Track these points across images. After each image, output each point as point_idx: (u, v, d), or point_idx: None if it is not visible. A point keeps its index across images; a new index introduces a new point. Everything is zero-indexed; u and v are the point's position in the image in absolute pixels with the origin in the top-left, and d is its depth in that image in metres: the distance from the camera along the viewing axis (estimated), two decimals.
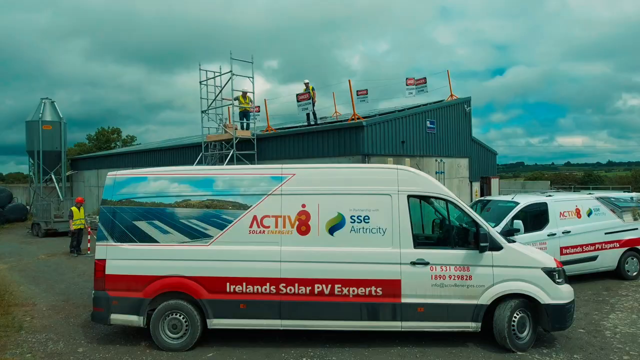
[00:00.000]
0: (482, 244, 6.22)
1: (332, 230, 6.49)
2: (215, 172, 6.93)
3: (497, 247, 6.38)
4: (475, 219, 6.52)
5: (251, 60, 16.85)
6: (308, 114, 17.13)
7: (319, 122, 19.90)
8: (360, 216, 6.48)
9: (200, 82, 17.64)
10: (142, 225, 6.75)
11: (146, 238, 6.70)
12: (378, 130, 14.06)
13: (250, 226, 6.57)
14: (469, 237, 6.63)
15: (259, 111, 20.41)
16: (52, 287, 11.08)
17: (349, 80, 13.96)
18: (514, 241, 6.88)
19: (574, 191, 12.79)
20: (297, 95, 16.05)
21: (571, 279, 8.33)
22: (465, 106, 19.12)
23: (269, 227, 6.56)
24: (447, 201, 6.67)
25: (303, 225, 6.52)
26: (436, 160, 17.05)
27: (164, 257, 6.62)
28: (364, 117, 15.06)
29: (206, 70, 17.63)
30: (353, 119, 14.15)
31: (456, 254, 6.40)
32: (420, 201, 7.31)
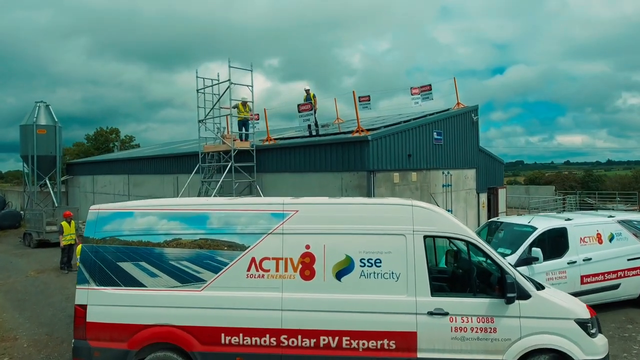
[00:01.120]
0: (509, 295, 5.52)
1: (339, 275, 5.79)
2: (209, 207, 6.21)
3: (525, 295, 5.68)
4: (501, 263, 5.82)
5: (250, 67, 16.14)
6: (309, 125, 16.42)
7: (320, 130, 19.22)
8: (371, 259, 5.79)
9: (197, 90, 16.92)
10: (128, 267, 6.05)
11: (132, 282, 6.01)
12: (383, 144, 13.35)
13: (248, 269, 5.88)
14: (493, 282, 5.94)
15: (258, 119, 19.71)
16: (37, 315, 10.40)
17: (354, 92, 13.34)
18: (542, 286, 6.17)
19: (592, 210, 12.06)
20: (299, 105, 15.33)
21: None
22: (473, 115, 18.42)
23: (268, 270, 5.86)
24: (468, 242, 5.97)
25: (307, 269, 5.83)
26: (443, 173, 16.36)
27: (151, 303, 5.93)
28: (368, 129, 14.35)
29: (203, 78, 16.93)
30: (357, 132, 13.42)
31: (479, 304, 5.69)
32: (434, 239, 6.63)
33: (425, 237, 5.88)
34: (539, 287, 6.06)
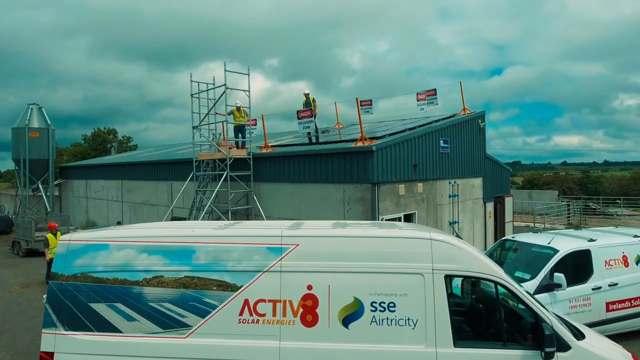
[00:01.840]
0: (547, 349, 4.71)
1: (346, 321, 4.99)
2: (195, 240, 5.38)
3: (564, 346, 4.89)
4: (537, 310, 5.01)
5: (247, 71, 15.31)
6: (309, 132, 15.61)
7: (320, 136, 18.44)
8: (384, 303, 4.99)
9: (192, 94, 16.11)
10: (102, 309, 5.24)
11: (106, 326, 5.19)
12: (388, 154, 12.55)
13: (241, 313, 5.07)
14: (525, 328, 5.15)
15: (255, 124, 18.91)
16: (14, 342, 9.58)
17: (357, 98, 12.49)
18: (582, 333, 5.34)
19: (614, 228, 11.27)
20: (298, 112, 14.51)
21: (615, 338, 6.93)
22: (480, 121, 17.64)
23: (264, 315, 5.06)
24: (496, 283, 5.16)
25: (309, 314, 5.02)
26: (449, 183, 15.57)
27: (128, 352, 5.11)
28: (372, 138, 13.54)
29: (198, 82, 16.10)
30: (361, 141, 12.61)
31: (510, 357, 4.89)
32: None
33: (447, 276, 5.08)
34: (578, 333, 5.26)
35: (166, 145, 33.73)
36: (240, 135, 16.33)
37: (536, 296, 7.85)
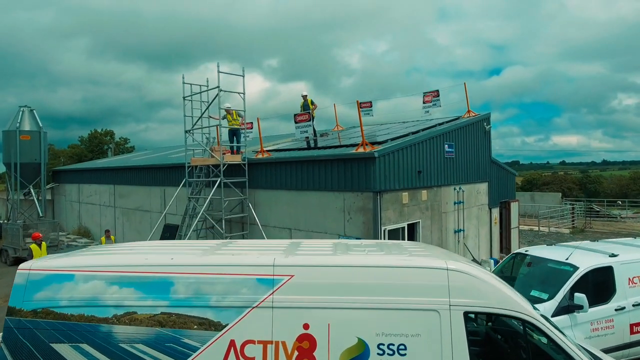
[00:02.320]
0: None
1: None
2: (173, 270, 4.66)
3: None
4: (572, 353, 4.30)
5: (242, 73, 14.59)
6: (307, 137, 14.89)
7: (318, 140, 17.73)
8: (393, 345, 4.28)
9: (184, 97, 15.38)
10: (65, 350, 4.52)
11: None
12: (391, 161, 11.83)
13: (226, 357, 4.36)
14: None
15: (251, 128, 18.20)
16: None
17: (357, 101, 11.73)
18: None
19: (634, 240, 10.55)
20: (295, 115, 13.78)
21: None
22: (485, 124, 16.93)
23: (253, 359, 4.34)
24: (524, 322, 4.44)
25: (305, 358, 4.31)
26: (454, 189, 14.85)
27: None
28: (373, 143, 12.82)
29: (191, 84, 15.37)
30: (362, 146, 11.88)
31: None
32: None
33: (466, 313, 4.37)
34: None
35: (162, 147, 32.98)
36: (234, 139, 15.60)
37: (555, 319, 7.16)
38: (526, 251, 9.85)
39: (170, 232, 17.41)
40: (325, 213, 12.51)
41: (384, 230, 11.60)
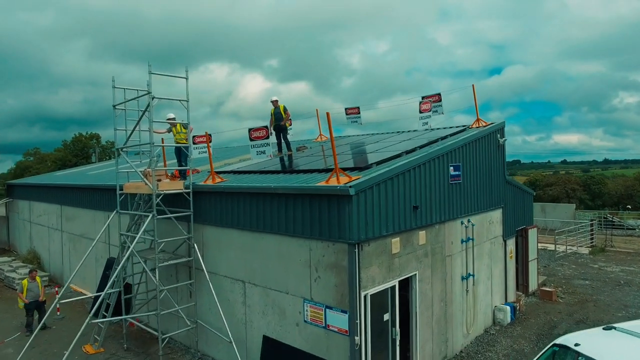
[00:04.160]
0: None
1: None
2: None
3: None
4: None
5: (185, 75, 11.18)
6: (283, 143, 11.37)
7: (294, 156, 14.38)
8: None
9: (114, 105, 12.00)
10: None
11: None
12: (375, 196, 8.46)
13: None
14: None
15: (210, 140, 14.75)
16: None
17: (327, 113, 8.40)
18: None
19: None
20: (250, 130, 10.37)
21: None
22: (499, 137, 13.56)
23: None
24: None
25: None
26: (462, 224, 11.48)
27: None
28: (353, 168, 9.45)
29: (124, 88, 11.96)
30: (334, 176, 8.46)
31: None
32: None
33: None
34: None
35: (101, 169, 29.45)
36: (182, 158, 12.27)
37: None
38: (576, 345, 6.47)
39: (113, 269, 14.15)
40: (286, 266, 9.16)
41: (365, 297, 8.24)
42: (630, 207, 49.94)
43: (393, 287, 8.96)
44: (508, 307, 13.37)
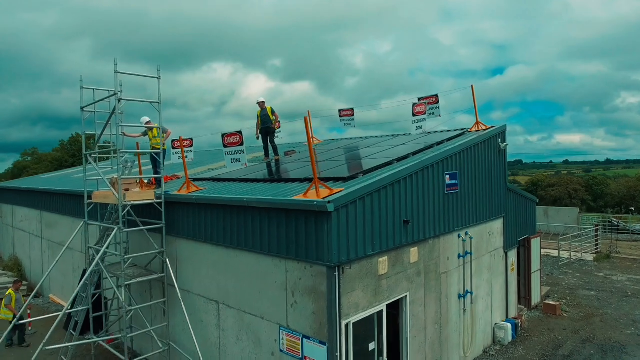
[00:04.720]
0: None
1: None
2: None
3: None
4: None
5: (157, 74, 10.23)
6: (272, 146, 10.38)
7: (281, 160, 13.49)
8: None
9: (82, 107, 11.09)
10: None
11: None
12: (359, 212, 7.52)
13: None
14: None
15: (191, 145, 13.77)
16: None
17: (306, 118, 7.39)
18: None
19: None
20: (224, 135, 9.42)
21: None
22: (500, 141, 12.59)
23: None
24: None
25: None
26: (459, 237, 10.53)
27: None
28: (336, 179, 8.52)
29: (93, 89, 11.04)
30: (314, 188, 7.53)
31: None
32: None
33: None
34: None
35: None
36: (156, 164, 11.36)
37: None
38: None
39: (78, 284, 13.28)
40: (261, 288, 8.22)
41: (347, 325, 7.29)
42: (633, 208, 48.85)
43: (380, 313, 8.02)
44: (509, 325, 12.41)
